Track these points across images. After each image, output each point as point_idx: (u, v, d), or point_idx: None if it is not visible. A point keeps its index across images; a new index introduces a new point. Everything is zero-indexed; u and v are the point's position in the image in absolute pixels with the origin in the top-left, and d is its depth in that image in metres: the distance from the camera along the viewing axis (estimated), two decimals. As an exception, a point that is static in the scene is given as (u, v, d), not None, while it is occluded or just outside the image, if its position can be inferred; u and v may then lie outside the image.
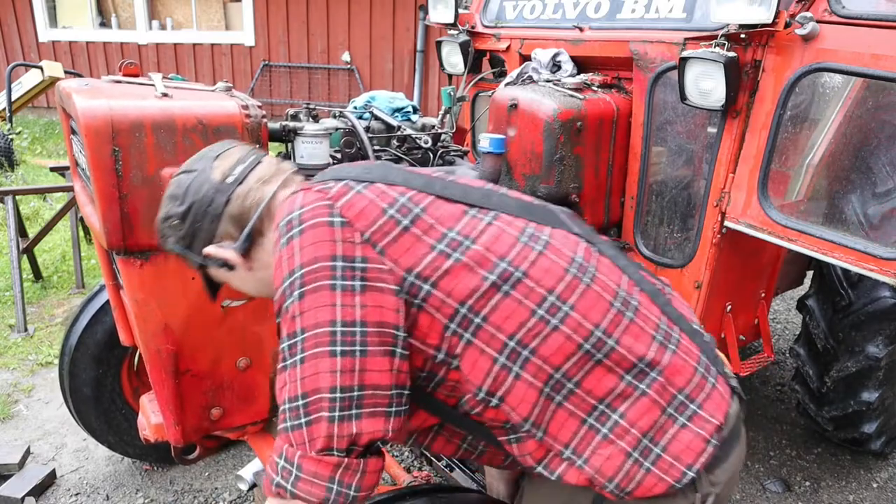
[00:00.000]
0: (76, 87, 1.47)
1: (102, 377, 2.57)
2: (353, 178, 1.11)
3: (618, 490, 1.10)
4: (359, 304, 1.01)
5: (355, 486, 1.03)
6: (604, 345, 1.09)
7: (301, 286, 1.02)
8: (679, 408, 1.12)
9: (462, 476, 2.63)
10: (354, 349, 1.01)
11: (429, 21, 3.28)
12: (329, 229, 1.03)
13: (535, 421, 1.10)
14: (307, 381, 1.01)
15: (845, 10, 1.98)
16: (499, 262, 1.08)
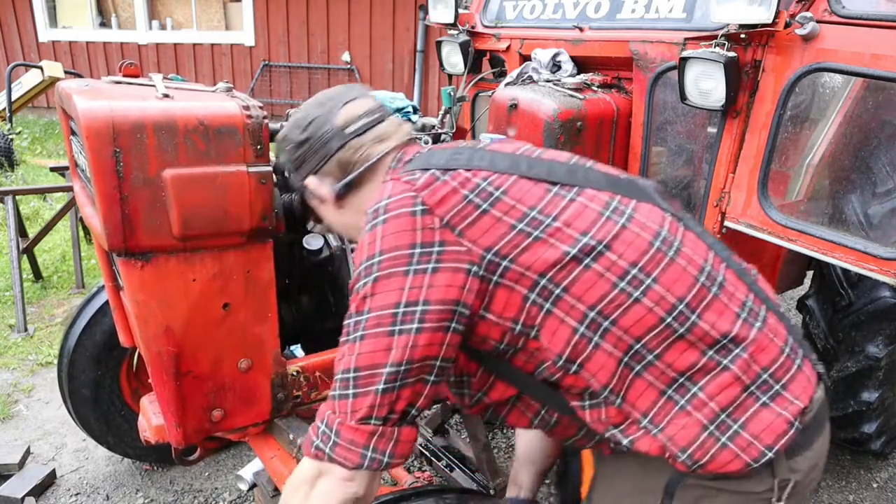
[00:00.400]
0: (76, 88, 1.47)
1: (101, 378, 2.56)
2: (438, 168, 1.15)
3: (690, 461, 1.10)
4: (426, 285, 1.06)
5: (389, 453, 1.09)
6: (686, 319, 1.10)
7: (377, 271, 1.07)
8: (762, 386, 1.11)
9: (462, 476, 2.63)
10: (411, 327, 1.06)
11: (429, 21, 3.27)
12: (411, 219, 1.09)
13: (614, 388, 1.12)
14: (363, 357, 1.07)
15: (845, 10, 1.98)
16: (580, 237, 1.10)
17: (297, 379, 1.85)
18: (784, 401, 1.11)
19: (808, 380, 1.14)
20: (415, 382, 1.09)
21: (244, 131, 1.49)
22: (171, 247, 1.49)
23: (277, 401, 1.81)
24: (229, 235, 1.55)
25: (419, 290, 1.06)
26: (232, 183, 1.50)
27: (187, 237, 1.49)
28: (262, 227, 1.58)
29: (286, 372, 1.80)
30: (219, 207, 1.50)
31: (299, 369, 1.84)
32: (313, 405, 1.92)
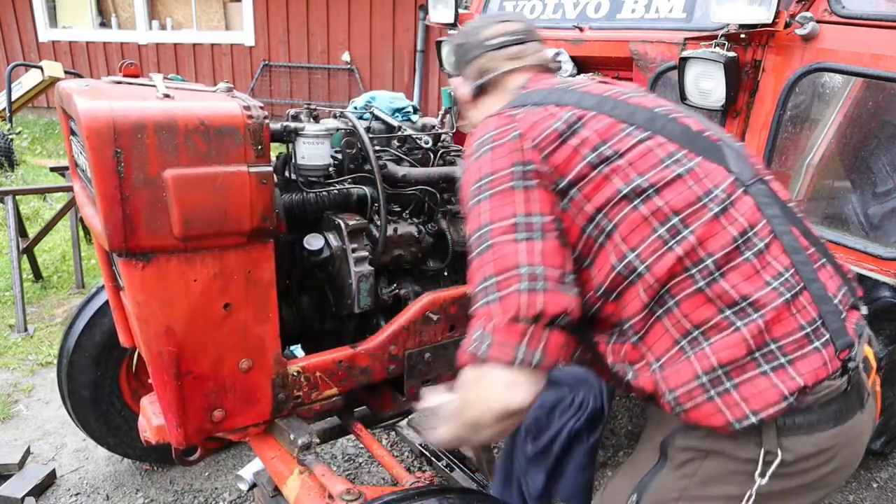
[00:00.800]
0: (77, 88, 1.47)
1: (101, 379, 2.56)
2: (533, 103, 1.30)
3: (675, 402, 1.16)
4: (535, 199, 1.19)
5: (539, 354, 1.14)
6: (710, 275, 1.15)
7: (489, 188, 1.21)
8: (767, 356, 1.13)
9: (462, 476, 2.64)
10: (534, 235, 1.17)
11: (429, 21, 3.28)
12: (511, 143, 1.23)
13: (636, 327, 1.20)
14: (498, 262, 1.17)
15: (845, 10, 1.98)
16: (636, 177, 1.18)
17: (298, 379, 1.85)
18: (785, 374, 1.12)
19: (824, 364, 1.14)
20: (553, 289, 1.16)
21: (245, 131, 1.49)
22: (171, 247, 1.49)
23: (278, 401, 1.81)
24: (230, 236, 1.55)
25: (530, 204, 1.19)
26: (233, 183, 1.50)
27: (188, 237, 1.49)
28: (262, 227, 1.58)
29: (287, 372, 1.81)
30: (219, 208, 1.50)
31: (300, 369, 1.84)
32: (314, 405, 1.92)
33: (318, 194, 1.91)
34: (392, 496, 1.53)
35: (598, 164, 1.20)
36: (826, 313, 1.17)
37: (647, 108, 1.28)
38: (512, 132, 1.24)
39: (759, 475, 1.15)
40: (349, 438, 3.00)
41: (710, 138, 1.28)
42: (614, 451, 3.07)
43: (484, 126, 1.30)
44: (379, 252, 1.98)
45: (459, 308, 2.10)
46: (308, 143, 1.88)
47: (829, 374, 1.14)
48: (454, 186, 2.16)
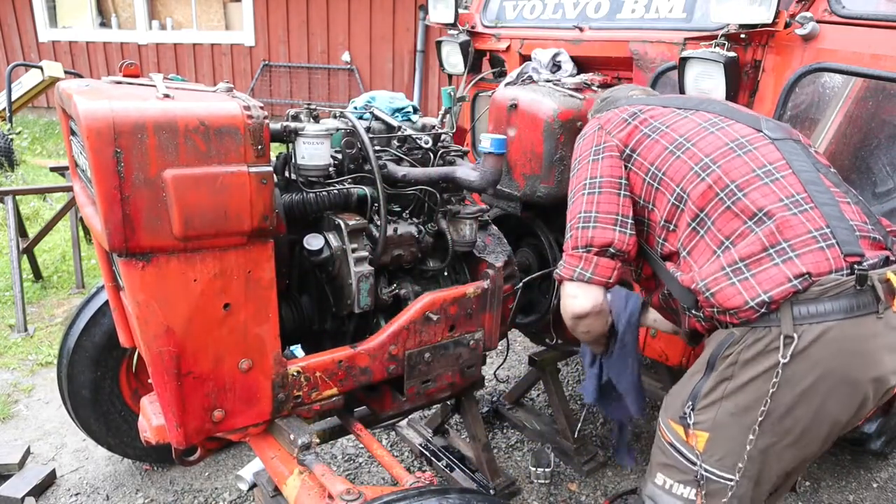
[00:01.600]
0: (77, 88, 1.47)
1: (101, 379, 2.56)
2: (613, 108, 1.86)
3: (705, 288, 1.48)
4: (600, 167, 1.72)
5: (590, 272, 1.69)
6: (734, 195, 1.50)
7: (579, 163, 1.79)
8: (779, 252, 1.41)
9: (462, 476, 2.64)
10: (595, 190, 1.70)
11: (429, 21, 3.28)
12: (594, 134, 1.79)
13: (685, 244, 1.58)
14: (572, 210, 1.75)
15: (845, 10, 1.98)
16: (677, 137, 1.64)
17: (298, 379, 1.85)
18: (792, 264, 1.39)
19: (828, 260, 1.39)
20: (602, 228, 1.67)
21: (245, 131, 1.49)
22: (171, 247, 1.49)
23: (278, 401, 1.81)
24: (230, 236, 1.55)
25: (597, 170, 1.72)
26: (233, 183, 1.50)
27: (188, 237, 1.48)
28: (262, 227, 1.58)
29: (287, 372, 1.81)
30: (220, 208, 1.49)
31: (300, 369, 1.84)
32: (314, 405, 1.92)
33: (318, 194, 1.91)
34: (392, 496, 1.53)
35: (650, 133, 1.69)
36: (835, 227, 1.42)
37: (699, 98, 1.81)
38: (595, 126, 1.81)
39: (782, 356, 1.38)
40: (349, 438, 3.00)
41: (750, 113, 1.69)
42: (614, 451, 3.07)
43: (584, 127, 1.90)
44: (379, 252, 1.97)
45: (459, 308, 2.10)
46: (308, 143, 1.88)
47: (832, 269, 1.38)
48: (454, 186, 2.16)
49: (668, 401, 1.67)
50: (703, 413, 1.53)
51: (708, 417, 1.52)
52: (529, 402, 3.43)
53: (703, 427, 1.52)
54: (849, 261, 1.38)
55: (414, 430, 2.95)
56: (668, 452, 1.61)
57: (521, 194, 2.45)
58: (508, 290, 2.31)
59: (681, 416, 1.56)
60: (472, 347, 2.19)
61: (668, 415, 1.63)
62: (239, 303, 1.63)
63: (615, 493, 2.80)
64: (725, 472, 1.51)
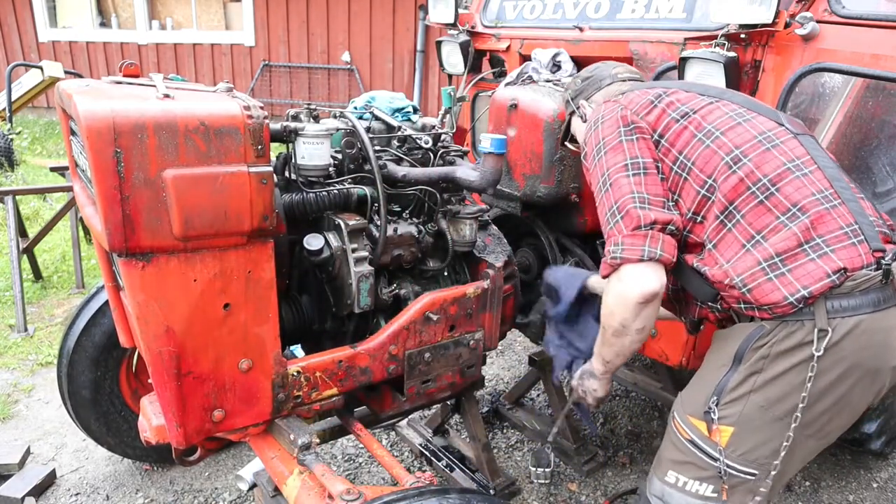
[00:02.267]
0: (77, 88, 1.47)
1: (101, 379, 2.56)
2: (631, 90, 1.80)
3: (741, 284, 1.47)
4: (636, 148, 1.63)
5: (660, 248, 1.53)
6: (767, 189, 1.49)
7: (605, 147, 1.67)
8: (814, 247, 1.42)
9: (462, 476, 2.64)
10: (639, 172, 1.59)
11: (429, 21, 3.28)
12: (616, 116, 1.69)
13: (711, 237, 1.55)
14: (616, 192, 1.60)
15: (845, 10, 1.98)
16: (707, 125, 1.59)
17: (298, 379, 1.85)
18: (829, 259, 1.41)
19: (860, 256, 1.41)
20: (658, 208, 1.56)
21: (245, 131, 1.49)
22: (171, 247, 1.49)
23: (278, 401, 1.81)
24: (230, 236, 1.55)
25: (634, 151, 1.62)
26: (233, 183, 1.50)
27: (188, 237, 1.48)
28: (262, 227, 1.58)
29: (287, 372, 1.81)
30: (220, 208, 1.50)
31: (300, 369, 1.84)
32: (314, 405, 1.92)
33: (318, 194, 1.91)
34: (392, 496, 1.53)
35: (679, 118, 1.63)
36: (861, 223, 1.46)
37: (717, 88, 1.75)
38: (617, 109, 1.71)
39: (816, 349, 1.39)
40: (349, 438, 3.00)
41: (767, 106, 1.68)
42: (614, 450, 3.07)
43: (597, 111, 1.78)
44: (379, 252, 1.97)
45: (459, 308, 2.10)
46: (308, 143, 1.88)
47: (864, 264, 1.41)
48: (454, 186, 2.16)
49: (685, 396, 1.66)
50: (729, 407, 1.52)
51: (735, 411, 1.51)
52: (529, 402, 3.43)
53: (729, 421, 1.52)
54: (876, 256, 1.43)
55: (414, 430, 2.95)
56: (684, 449, 1.60)
57: (521, 194, 2.45)
58: (508, 290, 2.31)
59: (705, 411, 1.55)
60: (472, 347, 2.19)
61: (686, 411, 1.62)
62: (239, 303, 1.63)
63: (615, 493, 2.80)
64: (748, 466, 1.52)
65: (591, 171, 1.70)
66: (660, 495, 1.65)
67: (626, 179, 1.59)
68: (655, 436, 3.19)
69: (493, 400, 3.36)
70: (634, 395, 3.51)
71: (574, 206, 2.44)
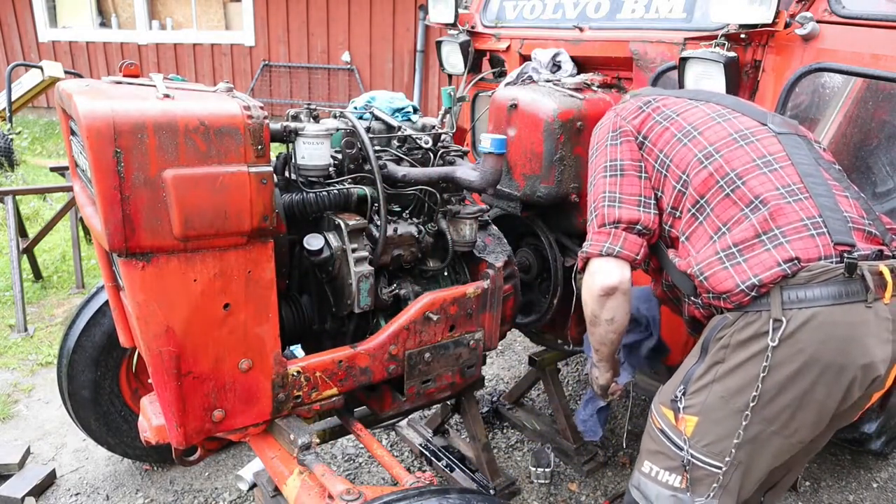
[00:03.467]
0: (77, 88, 1.47)
1: (101, 379, 2.56)
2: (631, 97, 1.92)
3: (699, 272, 1.54)
4: (618, 151, 1.75)
5: (619, 246, 1.67)
6: (733, 183, 1.55)
7: (596, 151, 1.83)
8: (771, 238, 1.46)
9: (462, 476, 2.64)
10: (616, 173, 1.73)
11: (429, 21, 3.28)
12: (611, 122, 1.83)
13: (685, 230, 1.63)
14: (594, 193, 1.76)
15: (845, 10, 1.98)
16: (686, 125, 1.68)
17: (298, 379, 1.85)
18: (783, 250, 1.44)
19: (817, 247, 1.43)
20: (627, 207, 1.68)
21: (245, 131, 1.49)
22: (171, 247, 1.49)
23: (278, 401, 1.81)
24: (230, 236, 1.55)
25: (616, 154, 1.75)
26: (233, 183, 1.50)
27: (188, 237, 1.49)
28: (262, 227, 1.58)
29: (287, 372, 1.81)
30: (220, 208, 1.50)
31: (300, 369, 1.84)
32: (314, 405, 1.92)
33: (318, 194, 1.91)
34: (392, 496, 1.53)
35: (662, 121, 1.73)
36: (827, 216, 1.46)
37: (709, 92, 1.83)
38: (612, 116, 1.85)
39: (770, 340, 1.41)
40: (349, 438, 3.00)
41: (757, 108, 1.73)
42: (614, 450, 3.07)
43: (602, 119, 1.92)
44: (379, 252, 1.97)
45: (459, 308, 2.10)
46: (308, 143, 1.88)
47: (821, 255, 1.42)
48: (454, 186, 2.16)
49: (662, 388, 1.69)
50: (693, 397, 1.54)
51: (698, 401, 1.53)
52: (529, 402, 3.43)
53: (693, 411, 1.54)
54: (839, 249, 1.43)
55: (414, 430, 2.95)
56: (657, 438, 1.63)
57: (521, 194, 2.45)
58: (508, 290, 2.31)
59: (672, 399, 1.58)
60: (472, 347, 2.19)
61: (660, 400, 1.65)
62: (239, 303, 1.63)
63: (615, 493, 2.80)
64: (712, 458, 1.52)
65: (588, 173, 1.85)
66: (636, 485, 1.67)
67: (602, 180, 1.74)
68: (655, 436, 3.18)
69: (493, 400, 3.36)
70: (634, 396, 3.51)
71: (574, 206, 2.44)
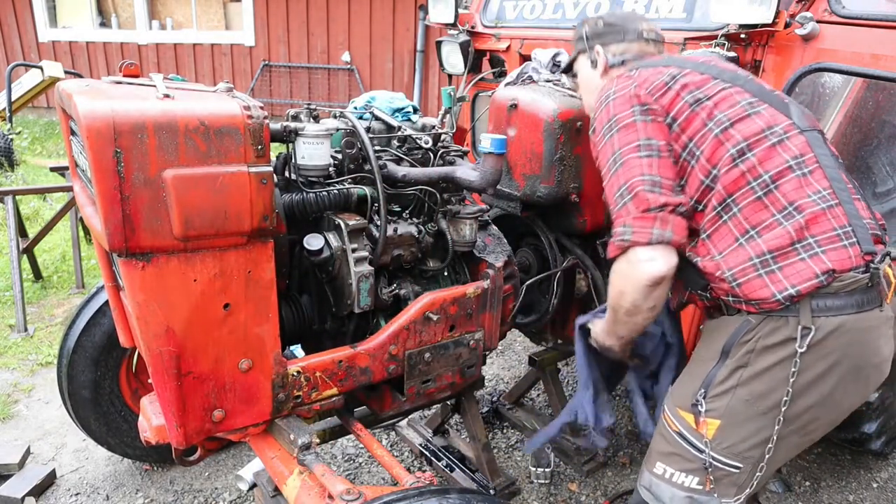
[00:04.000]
0: (77, 88, 1.47)
1: (101, 379, 2.56)
2: (644, 66, 1.72)
3: (731, 278, 1.50)
4: (650, 129, 1.58)
5: (669, 231, 1.50)
6: (766, 186, 1.49)
7: (616, 124, 1.62)
8: (806, 247, 1.45)
9: (462, 476, 2.64)
10: (652, 154, 1.56)
11: (429, 21, 3.28)
12: (628, 93, 1.64)
13: (706, 227, 1.57)
14: (627, 172, 1.56)
15: (845, 10, 1.98)
16: (717, 114, 1.56)
17: (298, 379, 1.85)
18: (819, 260, 1.43)
19: (850, 258, 1.44)
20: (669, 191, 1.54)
21: (245, 131, 1.49)
22: (171, 247, 1.49)
23: (278, 401, 1.81)
24: (230, 236, 1.55)
25: (648, 131, 1.58)
26: (233, 183, 1.50)
27: (188, 237, 1.49)
28: (262, 227, 1.58)
29: (287, 372, 1.81)
30: (220, 208, 1.50)
31: (300, 369, 1.84)
32: (314, 405, 1.92)
33: (318, 194, 1.91)
34: (392, 496, 1.53)
35: (692, 103, 1.58)
36: (855, 225, 1.48)
37: (731, 70, 1.68)
38: (630, 86, 1.64)
39: (799, 346, 1.43)
40: (349, 438, 3.00)
41: (779, 96, 1.65)
42: (614, 450, 3.07)
43: (609, 84, 1.72)
44: (379, 252, 1.97)
45: (459, 308, 2.10)
46: (308, 143, 1.88)
47: (853, 266, 1.44)
48: (454, 186, 2.16)
49: (675, 389, 1.68)
50: (715, 400, 1.55)
51: (721, 405, 1.54)
52: (529, 402, 3.43)
53: (715, 414, 1.54)
54: (865, 259, 1.46)
55: (414, 430, 2.95)
56: (672, 441, 1.63)
57: (521, 194, 2.45)
58: (509, 290, 2.31)
59: (692, 403, 1.58)
60: (472, 347, 2.19)
61: (675, 403, 1.64)
62: (239, 303, 1.63)
63: (615, 493, 2.80)
64: (732, 459, 1.54)
65: (600, 147, 1.65)
66: (648, 486, 1.68)
67: (637, 161, 1.55)
68: (655, 436, 3.18)
69: (493, 400, 3.36)
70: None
71: (574, 206, 2.44)
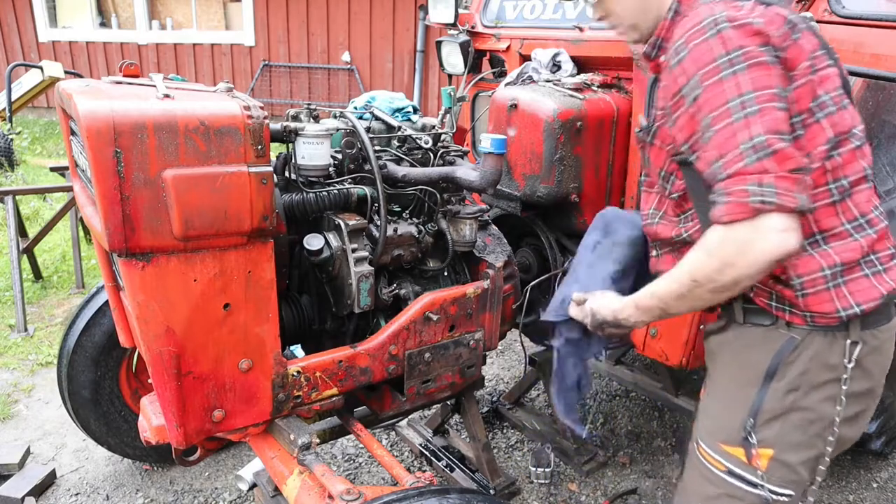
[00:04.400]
0: (77, 88, 1.47)
1: (101, 379, 2.57)
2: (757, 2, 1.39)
3: (799, 286, 1.37)
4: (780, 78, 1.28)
5: (808, 201, 1.25)
6: (844, 191, 1.37)
7: (743, 59, 1.27)
8: (869, 264, 1.38)
9: (462, 476, 2.64)
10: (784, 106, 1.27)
11: (429, 21, 3.28)
12: (755, 27, 1.29)
13: None
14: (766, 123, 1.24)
15: (845, 10, 1.98)
16: (822, 95, 1.34)
17: (298, 379, 1.85)
18: (882, 279, 1.38)
19: None
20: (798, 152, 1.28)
21: (245, 131, 1.49)
22: (171, 247, 1.49)
23: (278, 401, 1.81)
24: (230, 236, 1.55)
25: (784, 80, 1.30)
26: (233, 183, 1.50)
27: (188, 237, 1.49)
28: (262, 227, 1.58)
29: (287, 372, 1.81)
30: (220, 208, 1.50)
31: (300, 369, 1.84)
32: (314, 405, 1.92)
33: (318, 194, 1.91)
34: (392, 496, 1.53)
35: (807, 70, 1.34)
36: None
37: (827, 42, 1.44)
38: (753, 18, 1.31)
39: (847, 361, 1.38)
40: (349, 438, 3.00)
41: None
42: (614, 450, 3.07)
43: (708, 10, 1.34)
44: (379, 252, 1.98)
45: (459, 308, 2.10)
46: (308, 143, 1.88)
47: None
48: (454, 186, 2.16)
49: (709, 425, 1.53)
50: (766, 428, 1.43)
51: (772, 433, 1.43)
52: (529, 402, 3.43)
53: (768, 443, 1.43)
54: None
55: (414, 430, 2.95)
56: (719, 482, 1.48)
57: (521, 194, 2.45)
58: (509, 289, 2.31)
59: (743, 437, 1.44)
60: (472, 347, 2.19)
61: (717, 439, 1.49)
62: (239, 303, 1.63)
63: (615, 493, 2.80)
64: (785, 487, 1.44)
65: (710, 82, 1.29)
66: None
67: (775, 112, 1.25)
68: (655, 436, 3.19)
69: (493, 400, 3.36)
70: (634, 395, 3.51)
71: (574, 206, 2.44)
